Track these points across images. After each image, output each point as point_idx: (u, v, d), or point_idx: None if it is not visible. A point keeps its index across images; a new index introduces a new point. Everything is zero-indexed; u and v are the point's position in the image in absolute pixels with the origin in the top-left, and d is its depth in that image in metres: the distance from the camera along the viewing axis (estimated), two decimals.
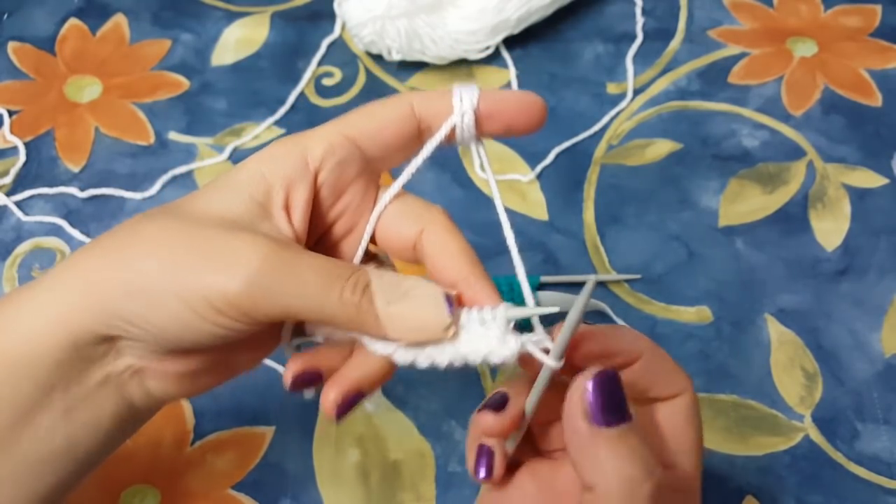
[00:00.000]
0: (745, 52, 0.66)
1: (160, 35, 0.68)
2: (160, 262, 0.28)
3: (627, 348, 0.31)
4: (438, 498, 0.47)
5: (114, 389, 0.30)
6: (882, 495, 0.47)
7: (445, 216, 0.33)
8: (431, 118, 0.32)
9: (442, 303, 0.29)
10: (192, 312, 0.28)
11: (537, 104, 0.32)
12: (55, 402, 0.29)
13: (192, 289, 0.27)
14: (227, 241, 0.28)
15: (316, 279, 0.28)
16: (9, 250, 0.56)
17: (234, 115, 0.63)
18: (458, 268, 0.31)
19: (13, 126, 0.62)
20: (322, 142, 0.31)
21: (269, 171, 0.30)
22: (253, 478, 0.48)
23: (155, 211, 0.30)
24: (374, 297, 0.29)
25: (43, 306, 0.28)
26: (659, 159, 0.61)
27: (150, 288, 0.28)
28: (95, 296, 0.28)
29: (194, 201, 0.30)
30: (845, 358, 0.52)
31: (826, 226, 0.57)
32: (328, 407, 0.31)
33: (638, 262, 0.56)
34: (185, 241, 0.28)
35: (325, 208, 0.32)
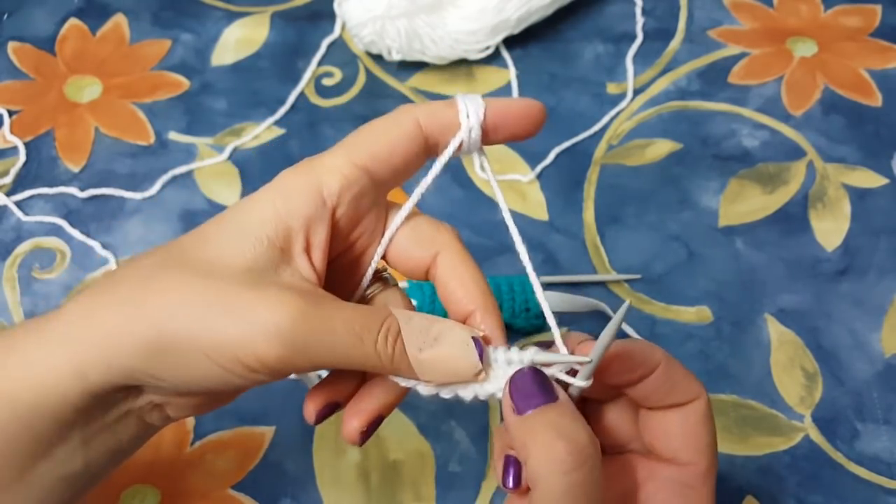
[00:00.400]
0: (745, 52, 0.66)
1: (160, 35, 0.68)
2: (186, 322, 0.27)
3: (644, 361, 0.31)
4: (438, 498, 0.47)
5: (133, 419, 0.30)
6: (882, 495, 0.47)
7: (456, 238, 0.33)
8: (438, 134, 0.32)
9: (472, 348, 0.30)
10: (223, 371, 0.27)
11: (538, 110, 0.32)
12: (74, 436, 0.29)
13: (222, 351, 0.27)
14: (253, 299, 0.27)
15: (347, 335, 0.28)
16: (9, 250, 0.56)
17: (234, 115, 0.63)
18: (471, 299, 0.32)
19: (13, 126, 0.62)
20: (337, 176, 0.30)
21: (285, 211, 0.29)
22: (253, 478, 0.48)
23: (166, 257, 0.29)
24: (406, 345, 0.29)
25: (57, 360, 0.28)
26: (659, 159, 0.61)
27: (176, 348, 0.27)
28: (115, 351, 0.27)
29: (208, 246, 0.29)
30: (845, 358, 0.52)
31: (826, 226, 0.57)
32: (352, 436, 0.31)
33: (638, 262, 0.56)
34: (209, 298, 0.27)
35: (341, 239, 0.32)
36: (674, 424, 0.32)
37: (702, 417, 0.32)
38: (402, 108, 0.32)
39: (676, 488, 0.32)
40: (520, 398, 0.30)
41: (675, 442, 0.32)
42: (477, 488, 0.47)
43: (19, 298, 0.54)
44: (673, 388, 0.32)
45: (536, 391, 0.29)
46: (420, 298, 0.51)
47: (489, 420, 0.49)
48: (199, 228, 0.30)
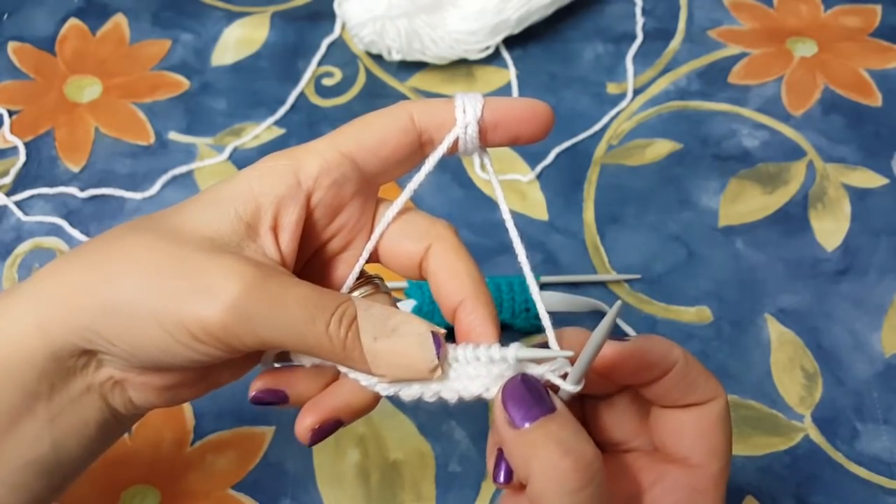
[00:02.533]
0: (745, 52, 0.66)
1: (160, 35, 0.68)
2: (140, 283, 0.27)
3: (661, 361, 0.30)
4: (438, 498, 0.47)
5: (97, 397, 0.30)
6: (882, 495, 0.47)
7: (452, 232, 0.32)
8: (433, 130, 0.31)
9: (429, 342, 0.28)
10: (169, 337, 0.27)
11: (544, 112, 0.31)
12: (40, 409, 0.28)
13: (170, 314, 0.27)
14: (208, 266, 0.27)
15: (299, 311, 0.27)
16: (9, 250, 0.56)
17: (234, 115, 0.63)
18: (462, 289, 0.30)
19: (13, 126, 0.62)
20: (317, 159, 0.30)
21: (259, 189, 0.29)
22: (253, 478, 0.48)
23: (140, 223, 0.29)
24: (360, 332, 0.28)
25: (25, 315, 0.28)
26: (659, 159, 0.61)
27: (128, 309, 0.27)
28: (74, 310, 0.27)
29: (181, 215, 0.29)
30: (845, 358, 0.52)
31: (826, 226, 0.57)
32: (302, 432, 0.30)
33: (638, 262, 0.56)
34: (166, 262, 0.27)
35: (319, 228, 0.31)
36: (688, 424, 0.31)
37: (718, 418, 0.31)
38: (399, 103, 0.31)
39: (685, 492, 0.31)
40: (515, 409, 0.28)
41: (688, 442, 0.31)
42: (477, 488, 0.47)
43: None
44: (690, 387, 0.31)
45: (532, 401, 0.28)
46: (420, 299, 0.51)
47: (489, 420, 0.49)
48: (183, 201, 0.30)
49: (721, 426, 0.31)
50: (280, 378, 0.31)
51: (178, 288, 0.27)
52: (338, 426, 0.31)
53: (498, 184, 0.32)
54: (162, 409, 0.33)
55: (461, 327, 0.31)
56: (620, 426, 0.33)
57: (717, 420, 0.31)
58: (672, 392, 0.30)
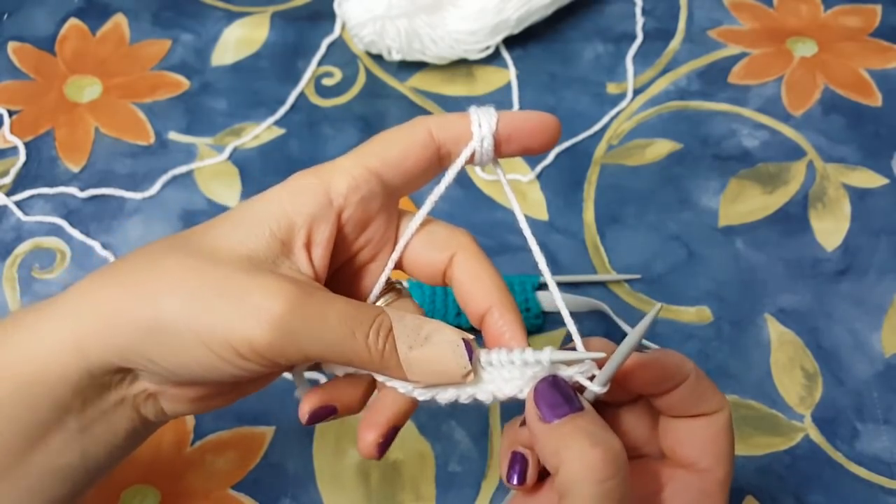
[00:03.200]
0: (745, 52, 0.66)
1: (160, 35, 0.68)
2: (182, 303, 0.27)
3: (676, 373, 0.31)
4: (438, 498, 0.47)
5: (129, 409, 0.30)
6: (882, 495, 0.47)
7: (473, 241, 0.33)
8: (450, 144, 0.32)
9: (462, 349, 0.30)
10: (214, 356, 0.28)
11: (553, 124, 0.32)
12: (71, 422, 0.29)
13: (215, 333, 0.27)
14: (250, 285, 0.28)
15: (340, 326, 0.28)
16: (9, 250, 0.56)
17: (234, 115, 0.63)
18: (488, 296, 0.32)
19: (13, 126, 0.62)
20: (345, 177, 0.31)
21: (291, 208, 0.30)
22: (253, 478, 0.48)
23: (174, 242, 0.30)
24: (396, 342, 0.29)
25: (58, 331, 0.28)
26: (659, 159, 0.61)
27: (171, 329, 0.27)
28: (113, 330, 0.28)
29: (213, 234, 0.30)
30: (845, 358, 0.52)
31: (826, 226, 0.57)
32: (369, 449, 0.31)
33: (638, 262, 0.56)
34: (208, 282, 0.28)
35: (348, 242, 0.32)
36: (697, 432, 0.33)
37: (724, 428, 0.33)
38: (416, 119, 0.32)
39: (694, 494, 0.32)
40: (546, 407, 0.30)
41: (697, 449, 0.33)
42: (477, 488, 0.47)
43: (19, 298, 0.54)
44: (699, 399, 0.32)
45: (562, 400, 0.30)
46: (419, 297, 0.51)
47: (489, 420, 0.49)
48: (210, 220, 0.31)
49: (726, 434, 0.33)
50: (325, 394, 0.32)
51: (222, 308, 0.27)
52: (396, 433, 0.32)
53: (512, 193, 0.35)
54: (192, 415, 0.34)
55: (491, 332, 0.32)
56: (633, 433, 0.35)
57: (722, 429, 0.33)
58: (683, 403, 0.32)
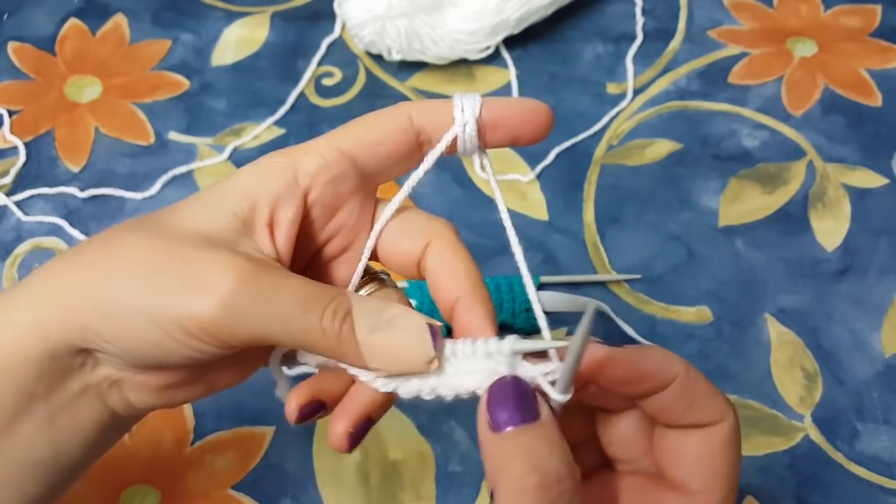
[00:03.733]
0: (745, 52, 0.66)
1: (160, 35, 0.68)
2: (134, 281, 0.27)
3: (657, 372, 0.29)
4: (438, 498, 0.47)
5: (95, 398, 0.30)
6: (882, 495, 0.47)
7: (451, 230, 0.31)
8: (431, 129, 0.30)
9: (426, 335, 0.28)
10: (164, 334, 0.27)
11: (543, 112, 0.30)
12: (37, 409, 0.28)
13: (164, 311, 0.27)
14: (201, 261, 0.27)
15: (292, 304, 0.27)
16: (9, 250, 0.56)
17: (234, 115, 0.63)
18: (458, 287, 0.30)
19: (13, 126, 0.62)
20: (315, 157, 0.29)
21: (255, 187, 0.29)
22: (253, 478, 0.48)
23: (135, 222, 0.29)
24: (355, 325, 0.28)
25: (19, 316, 0.28)
26: (659, 159, 0.61)
27: (123, 307, 0.27)
28: (70, 310, 0.27)
29: (177, 213, 0.29)
30: (845, 358, 0.52)
31: (826, 226, 0.57)
32: (338, 440, 0.30)
33: (638, 262, 0.56)
34: (160, 259, 0.27)
35: (317, 227, 0.31)
36: (689, 446, 0.29)
37: (723, 442, 0.29)
38: (398, 104, 0.31)
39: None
40: (498, 411, 0.27)
41: (687, 466, 0.29)
42: (477, 488, 0.47)
43: None
44: (691, 405, 0.29)
45: (514, 406, 0.27)
46: (419, 298, 0.51)
47: None
48: (182, 200, 0.30)
49: (726, 452, 0.29)
50: (311, 388, 0.31)
51: (171, 285, 0.27)
52: (370, 425, 0.31)
53: (497, 185, 0.32)
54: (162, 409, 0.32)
55: (458, 325, 0.30)
56: (627, 443, 0.32)
57: (721, 444, 0.29)
58: (672, 409, 0.29)
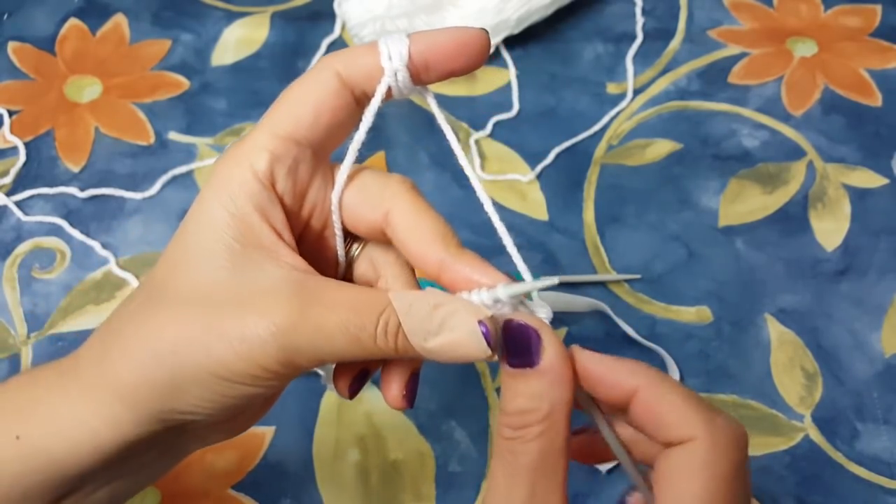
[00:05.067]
0: (745, 52, 0.66)
1: (160, 35, 0.68)
2: (188, 354, 0.27)
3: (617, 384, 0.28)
4: (438, 498, 0.47)
5: (170, 456, 0.31)
6: (882, 495, 0.47)
7: (407, 189, 0.30)
8: (364, 82, 0.29)
9: (480, 336, 0.27)
10: (236, 385, 0.27)
11: (474, 39, 0.28)
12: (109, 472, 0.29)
13: (229, 368, 0.27)
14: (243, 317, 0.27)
15: (343, 336, 0.27)
16: (9, 250, 0.56)
17: (234, 115, 0.63)
18: (432, 251, 0.29)
19: (13, 126, 0.62)
20: (263, 153, 0.28)
21: (235, 210, 0.28)
22: (253, 478, 0.48)
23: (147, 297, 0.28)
24: (409, 336, 0.28)
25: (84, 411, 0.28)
26: (659, 159, 0.61)
27: (189, 379, 0.27)
28: (141, 404, 0.27)
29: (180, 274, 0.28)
30: (845, 358, 0.52)
31: (826, 226, 0.57)
32: (396, 401, 0.31)
33: (638, 262, 0.56)
34: (201, 325, 0.27)
35: (294, 214, 0.30)
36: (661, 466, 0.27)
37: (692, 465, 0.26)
38: (321, 60, 0.29)
39: None
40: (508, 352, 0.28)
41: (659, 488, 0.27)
42: (477, 488, 0.47)
43: (19, 298, 0.54)
44: (660, 421, 0.27)
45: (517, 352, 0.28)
46: None
47: (489, 420, 0.49)
48: (165, 256, 0.29)
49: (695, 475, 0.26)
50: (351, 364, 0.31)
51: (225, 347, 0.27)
52: (367, 377, 0.31)
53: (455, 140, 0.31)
54: None
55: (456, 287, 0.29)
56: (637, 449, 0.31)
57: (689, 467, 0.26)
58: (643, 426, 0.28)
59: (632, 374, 0.28)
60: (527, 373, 0.27)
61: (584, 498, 0.47)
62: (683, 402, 0.27)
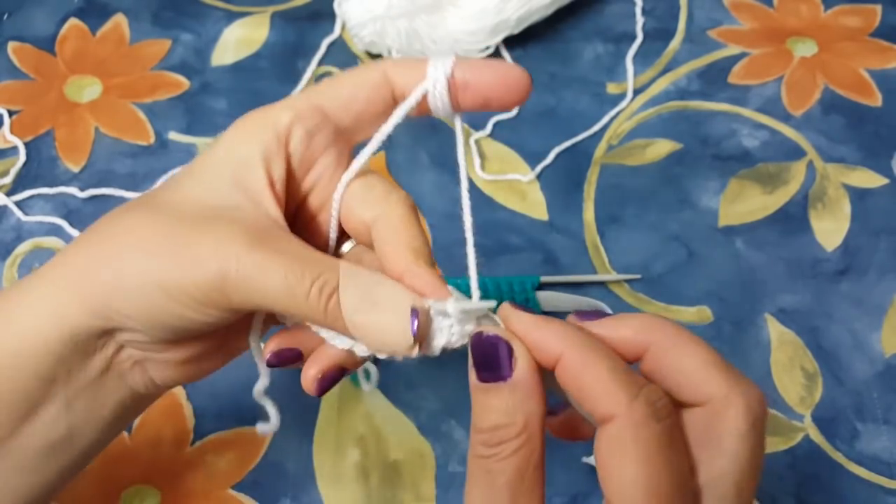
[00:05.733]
0: (745, 52, 0.66)
1: (160, 35, 0.68)
2: (143, 256, 0.28)
3: (538, 345, 0.27)
4: (438, 498, 0.47)
5: (116, 379, 0.31)
6: (882, 495, 0.47)
7: (405, 205, 0.31)
8: (405, 86, 0.30)
9: (407, 321, 0.28)
10: (176, 303, 0.28)
11: (519, 77, 0.30)
12: (57, 394, 0.29)
13: (174, 281, 0.28)
14: (202, 234, 0.28)
15: (282, 279, 0.28)
16: (9, 250, 0.56)
17: (234, 115, 0.63)
18: (401, 259, 0.30)
19: (13, 126, 0.62)
20: (288, 111, 0.30)
21: (246, 151, 0.30)
22: (253, 478, 0.48)
23: (136, 202, 0.30)
24: (341, 303, 0.28)
25: (38, 303, 0.29)
26: (659, 159, 0.61)
27: (136, 280, 0.28)
28: (87, 292, 0.28)
29: (177, 189, 0.30)
30: (845, 358, 0.52)
31: (826, 226, 0.57)
32: (308, 383, 0.31)
33: (638, 262, 0.56)
34: (165, 234, 0.28)
35: (297, 180, 0.31)
36: (596, 449, 0.26)
37: (611, 444, 0.25)
38: (375, 61, 0.31)
39: None
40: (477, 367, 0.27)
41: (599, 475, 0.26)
42: None
43: None
44: (580, 391, 0.27)
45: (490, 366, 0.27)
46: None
47: None
48: (176, 174, 0.31)
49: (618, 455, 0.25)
50: (291, 337, 0.32)
51: (176, 257, 0.28)
52: (341, 374, 0.31)
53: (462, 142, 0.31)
54: (162, 408, 0.33)
55: None
56: None
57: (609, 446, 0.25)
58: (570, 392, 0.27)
59: (558, 337, 0.27)
60: (499, 386, 0.27)
61: (585, 497, 0.47)
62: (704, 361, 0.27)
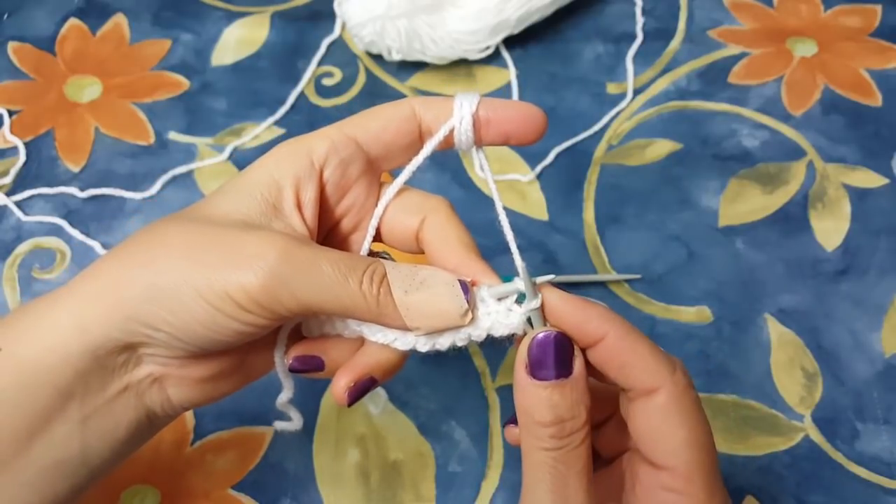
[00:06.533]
0: (745, 52, 0.66)
1: (160, 35, 0.68)
2: (180, 262, 0.28)
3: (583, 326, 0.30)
4: (438, 498, 0.47)
5: (133, 398, 0.31)
6: (882, 495, 0.47)
7: (446, 206, 0.33)
8: (432, 122, 0.33)
9: (458, 290, 0.30)
10: (214, 310, 0.28)
11: (537, 116, 0.32)
12: (73, 410, 0.29)
13: (213, 286, 0.28)
14: (244, 239, 0.29)
15: (333, 271, 0.29)
16: (9, 250, 0.56)
17: (234, 115, 0.63)
18: (454, 253, 0.32)
19: (13, 126, 0.62)
20: (325, 140, 0.32)
21: (276, 172, 0.31)
22: (253, 478, 0.48)
23: (173, 216, 0.31)
24: (391, 288, 0.30)
25: (62, 315, 0.29)
26: (659, 159, 0.61)
27: (171, 287, 0.28)
28: (116, 303, 0.28)
29: (207, 205, 0.31)
30: (845, 358, 0.52)
31: (826, 226, 0.57)
32: (339, 393, 0.32)
33: (638, 262, 0.56)
34: (203, 241, 0.29)
35: (331, 205, 0.33)
36: (636, 419, 0.30)
37: (663, 412, 0.30)
38: (405, 98, 0.33)
39: (659, 493, 0.30)
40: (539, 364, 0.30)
41: (642, 440, 0.30)
42: (477, 488, 0.47)
43: (19, 298, 0.54)
44: (623, 368, 0.30)
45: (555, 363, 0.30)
46: None
47: (489, 420, 0.49)
48: (206, 196, 0.32)
49: (670, 421, 0.30)
50: (315, 346, 0.33)
51: (217, 261, 0.28)
52: (372, 385, 0.32)
53: (494, 185, 0.34)
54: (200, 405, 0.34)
55: None
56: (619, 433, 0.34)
57: (662, 415, 0.30)
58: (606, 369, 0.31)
59: (603, 319, 0.30)
60: (562, 383, 0.29)
61: None
62: (646, 354, 0.30)
